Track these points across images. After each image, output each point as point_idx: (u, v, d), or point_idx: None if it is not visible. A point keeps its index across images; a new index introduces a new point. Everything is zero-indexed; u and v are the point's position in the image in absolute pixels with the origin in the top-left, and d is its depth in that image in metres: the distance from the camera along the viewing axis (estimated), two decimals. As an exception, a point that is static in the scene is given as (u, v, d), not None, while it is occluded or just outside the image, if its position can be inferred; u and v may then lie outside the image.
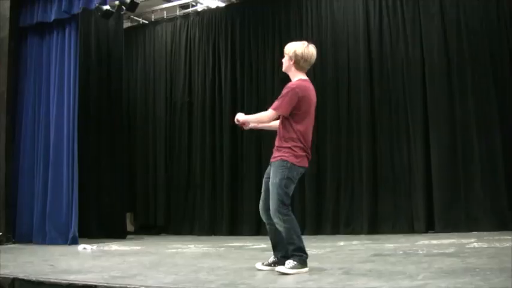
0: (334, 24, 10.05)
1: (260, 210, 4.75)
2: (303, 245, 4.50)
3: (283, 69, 4.79)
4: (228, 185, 10.76)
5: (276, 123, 4.79)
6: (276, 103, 4.61)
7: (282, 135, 4.64)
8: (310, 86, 4.72)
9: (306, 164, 4.64)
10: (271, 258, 4.77)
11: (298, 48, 4.67)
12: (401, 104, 9.27)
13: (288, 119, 4.62)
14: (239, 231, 10.42)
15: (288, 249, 4.53)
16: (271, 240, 4.79)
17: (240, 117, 4.77)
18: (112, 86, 10.81)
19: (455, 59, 8.86)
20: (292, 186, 4.58)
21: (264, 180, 4.77)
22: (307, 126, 4.65)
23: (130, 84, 12.21)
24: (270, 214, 4.55)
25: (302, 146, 4.60)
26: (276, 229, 4.58)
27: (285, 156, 4.55)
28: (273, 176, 4.56)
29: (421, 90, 9.08)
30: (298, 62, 4.66)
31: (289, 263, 4.44)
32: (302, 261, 4.45)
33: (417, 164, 8.97)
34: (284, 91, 4.60)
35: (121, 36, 10.98)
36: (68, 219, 8.87)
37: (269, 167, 4.73)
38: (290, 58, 4.68)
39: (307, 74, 4.69)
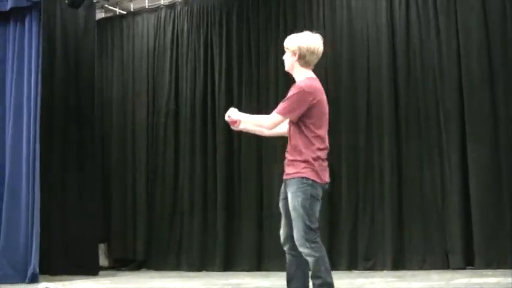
0: (350, 14, 10.03)
1: (281, 237, 4.69)
2: (332, 280, 4.42)
3: (286, 68, 4.76)
4: (223, 209, 10.64)
5: (279, 130, 4.76)
6: (281, 106, 4.53)
7: (295, 146, 4.55)
8: (321, 87, 4.67)
9: (328, 179, 4.58)
10: None
11: (301, 40, 4.62)
12: (433, 114, 9.24)
13: (299, 125, 4.53)
14: (236, 266, 10.36)
15: (313, 285, 4.41)
16: (287, 273, 4.68)
17: (233, 114, 4.73)
18: (81, 90, 10.70)
19: (500, 60, 8.80)
20: (318, 206, 4.49)
21: (280, 202, 4.70)
22: (324, 131, 4.61)
23: (104, 87, 12.15)
24: (294, 242, 4.49)
25: (321, 156, 4.53)
26: (297, 262, 4.55)
27: (303, 172, 4.46)
28: (292, 198, 4.46)
29: (457, 98, 9.07)
30: (304, 56, 4.60)
31: None
32: None
33: (452, 185, 8.95)
34: (291, 92, 4.54)
35: (93, 29, 10.90)
36: (26, 252, 8.80)
37: (283, 185, 4.65)
38: (293, 53, 4.63)
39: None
